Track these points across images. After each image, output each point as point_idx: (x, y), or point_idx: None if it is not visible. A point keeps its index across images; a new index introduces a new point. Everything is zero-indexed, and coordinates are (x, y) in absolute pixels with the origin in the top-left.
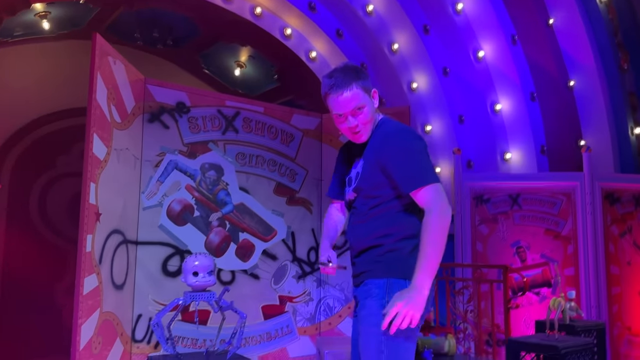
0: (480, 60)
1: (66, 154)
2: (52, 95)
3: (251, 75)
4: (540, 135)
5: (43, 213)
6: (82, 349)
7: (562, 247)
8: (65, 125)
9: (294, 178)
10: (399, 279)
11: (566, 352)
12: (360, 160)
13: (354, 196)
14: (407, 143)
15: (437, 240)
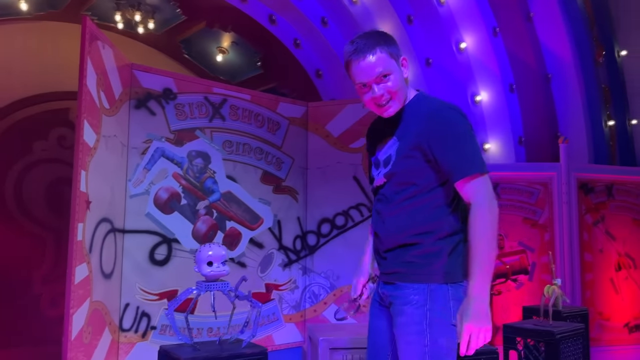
0: (462, 52)
1: (43, 139)
2: (27, 78)
3: (233, 61)
4: (518, 127)
5: (19, 200)
6: (73, 339)
7: (539, 235)
8: (42, 109)
9: (280, 167)
10: (441, 284)
11: (561, 337)
12: (393, 140)
13: (383, 182)
14: (458, 124)
15: (490, 239)
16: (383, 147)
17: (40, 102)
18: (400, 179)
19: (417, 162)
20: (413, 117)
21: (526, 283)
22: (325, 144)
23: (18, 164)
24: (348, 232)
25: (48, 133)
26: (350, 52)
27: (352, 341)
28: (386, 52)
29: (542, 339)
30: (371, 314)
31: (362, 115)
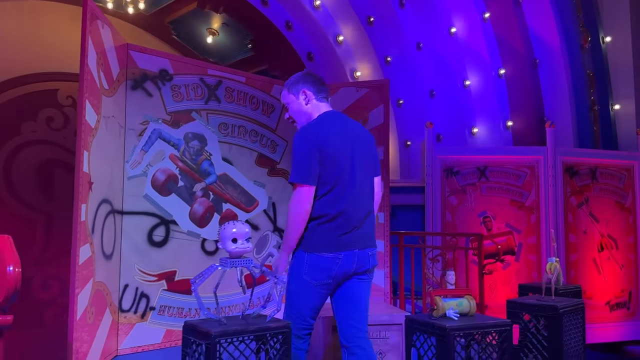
0: (453, 36)
1: (32, 120)
2: (15, 58)
3: (224, 43)
4: (506, 111)
5: (9, 182)
6: (78, 319)
7: (526, 217)
8: (29, 90)
9: (274, 149)
10: (300, 251)
11: (564, 311)
12: None
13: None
14: (295, 142)
15: (288, 229)
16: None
17: (27, 83)
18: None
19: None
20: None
21: (513, 263)
22: None
23: (6, 145)
24: None
25: (37, 114)
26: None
27: None
28: (286, 90)
29: (546, 313)
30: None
31: (355, 99)
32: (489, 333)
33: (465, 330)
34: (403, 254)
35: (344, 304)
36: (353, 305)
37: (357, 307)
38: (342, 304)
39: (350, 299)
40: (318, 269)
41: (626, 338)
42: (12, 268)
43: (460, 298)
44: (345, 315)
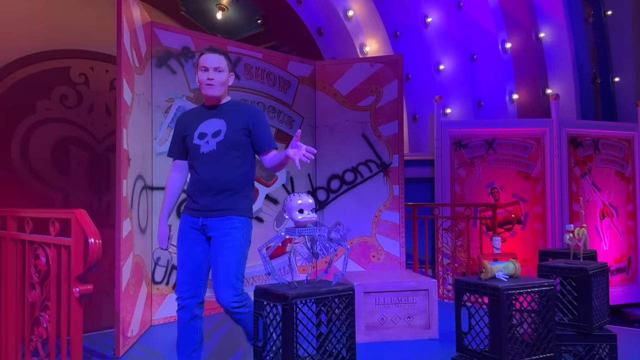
0: (461, 10)
1: (47, 98)
2: (29, 36)
3: (233, 19)
4: (512, 84)
5: (26, 160)
6: (123, 291)
7: (532, 187)
8: (43, 68)
9: (291, 125)
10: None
11: (593, 273)
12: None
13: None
14: (262, 114)
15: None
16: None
17: (40, 61)
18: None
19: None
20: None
21: (519, 232)
22: (334, 102)
23: (22, 123)
24: (357, 187)
25: (50, 92)
26: (207, 49)
27: (381, 285)
28: (228, 60)
29: (576, 275)
30: (193, 249)
31: (369, 74)
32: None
33: (517, 290)
34: (417, 225)
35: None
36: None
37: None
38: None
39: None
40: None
41: (625, 301)
42: (94, 240)
43: (505, 262)
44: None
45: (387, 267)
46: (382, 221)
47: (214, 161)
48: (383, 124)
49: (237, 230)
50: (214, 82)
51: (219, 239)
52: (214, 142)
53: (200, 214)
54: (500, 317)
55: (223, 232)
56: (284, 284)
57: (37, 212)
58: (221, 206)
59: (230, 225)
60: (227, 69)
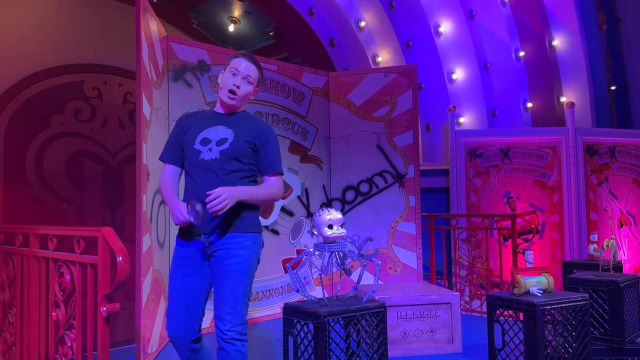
0: (473, 19)
1: (61, 112)
2: (42, 51)
3: (245, 31)
4: (525, 93)
5: (40, 174)
6: (143, 306)
7: (549, 197)
8: (57, 82)
9: (305, 136)
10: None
11: (624, 285)
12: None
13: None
14: (274, 134)
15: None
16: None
17: (54, 76)
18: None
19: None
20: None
21: (537, 241)
22: (348, 113)
23: (37, 138)
24: (372, 198)
25: (64, 106)
26: (244, 54)
27: (403, 299)
28: (260, 71)
29: (607, 288)
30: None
31: (383, 84)
32: (572, 307)
33: (552, 305)
34: (433, 236)
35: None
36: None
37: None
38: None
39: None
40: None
41: None
42: (121, 258)
43: (538, 276)
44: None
45: (404, 279)
46: (398, 232)
47: (214, 170)
48: (398, 134)
49: (246, 250)
50: (238, 91)
51: (226, 260)
52: (217, 150)
53: (203, 230)
54: (537, 333)
55: (230, 252)
56: (314, 301)
57: (61, 229)
58: (226, 221)
59: (238, 245)
60: (256, 82)
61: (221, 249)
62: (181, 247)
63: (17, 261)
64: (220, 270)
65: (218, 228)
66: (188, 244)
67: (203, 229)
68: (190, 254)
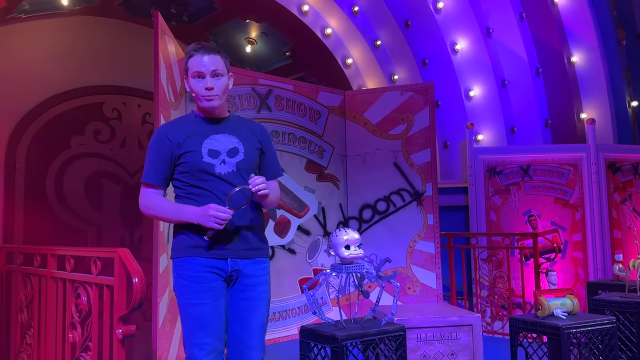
0: (490, 37)
1: (81, 134)
2: (63, 73)
3: (261, 51)
4: (544, 109)
5: (60, 195)
6: (160, 327)
7: (571, 215)
8: (77, 104)
9: (322, 155)
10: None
11: None
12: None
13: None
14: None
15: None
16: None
17: (74, 97)
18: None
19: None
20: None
21: (559, 261)
22: (364, 131)
23: (57, 159)
24: (390, 217)
25: (84, 128)
26: (196, 48)
27: (422, 320)
28: (227, 60)
29: (635, 310)
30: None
31: (399, 102)
32: (598, 331)
33: (577, 328)
34: (453, 255)
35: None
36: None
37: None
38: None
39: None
40: None
41: None
42: (137, 279)
43: (563, 297)
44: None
45: (423, 300)
46: (416, 251)
47: (234, 184)
48: (415, 152)
49: (269, 277)
50: (214, 92)
51: (255, 287)
52: (232, 162)
53: (227, 253)
54: (562, 357)
55: (257, 279)
56: (331, 323)
57: (78, 250)
58: (253, 244)
59: (263, 271)
60: (226, 70)
61: (250, 275)
62: (197, 266)
63: (35, 282)
64: (249, 300)
65: (246, 251)
66: (209, 263)
67: (229, 254)
68: (211, 275)
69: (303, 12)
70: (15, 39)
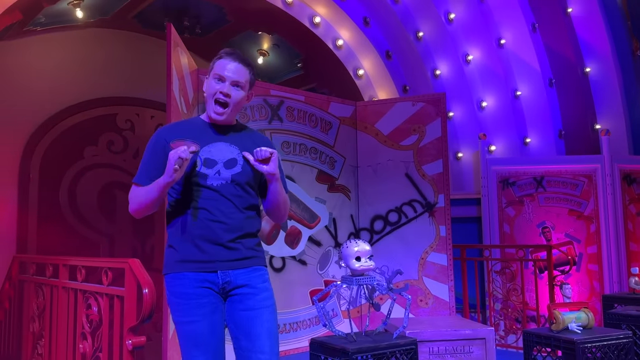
0: (502, 48)
1: (94, 145)
2: (78, 84)
3: (273, 63)
4: (558, 120)
5: (73, 205)
6: (170, 338)
7: (585, 227)
8: (91, 115)
9: (333, 165)
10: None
11: None
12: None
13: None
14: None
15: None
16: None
17: (88, 109)
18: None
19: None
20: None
21: (574, 273)
22: (376, 142)
23: (71, 169)
24: (401, 228)
25: (98, 138)
26: (228, 52)
27: (435, 334)
28: (254, 76)
29: None
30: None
31: (411, 113)
32: (614, 345)
33: (592, 343)
34: (466, 267)
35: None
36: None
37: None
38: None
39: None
40: None
41: None
42: (147, 290)
43: (577, 311)
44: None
45: (435, 313)
46: (428, 263)
47: (226, 198)
48: (427, 162)
49: (269, 284)
50: (229, 100)
51: (254, 296)
52: (227, 173)
53: (216, 265)
54: None
55: (256, 287)
56: (342, 336)
57: (90, 260)
58: (244, 254)
59: (260, 278)
60: (247, 85)
61: (245, 284)
62: (189, 280)
63: (47, 292)
64: (249, 309)
65: (236, 261)
66: (199, 277)
67: (218, 266)
68: (203, 290)
69: (315, 23)
70: (30, 51)
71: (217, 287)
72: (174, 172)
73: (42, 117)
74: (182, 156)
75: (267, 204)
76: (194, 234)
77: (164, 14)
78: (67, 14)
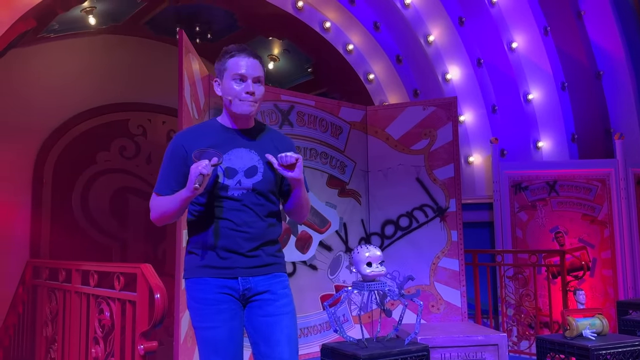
0: (514, 51)
1: (106, 150)
2: (90, 90)
3: (283, 68)
4: (570, 124)
5: (86, 210)
6: (181, 342)
7: (599, 231)
8: (103, 121)
9: (343, 170)
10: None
11: None
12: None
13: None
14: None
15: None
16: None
17: (100, 114)
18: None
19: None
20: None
21: (587, 279)
22: (386, 146)
23: (83, 175)
24: (412, 233)
25: (110, 144)
26: (239, 49)
27: (447, 340)
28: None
29: None
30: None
31: (422, 117)
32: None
33: (607, 350)
34: (478, 272)
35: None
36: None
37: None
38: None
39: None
40: None
41: None
42: (159, 295)
43: (591, 317)
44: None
45: (447, 318)
46: (440, 269)
47: (248, 207)
48: (438, 167)
49: (289, 290)
50: (255, 98)
51: (274, 302)
52: (248, 182)
53: (237, 272)
54: None
55: (277, 294)
56: (353, 342)
57: (102, 265)
58: (265, 260)
59: (282, 285)
60: (264, 79)
61: (266, 290)
62: (210, 286)
63: (60, 296)
64: (269, 316)
65: (257, 268)
66: (218, 283)
67: (238, 272)
68: (223, 296)
69: (325, 28)
70: (44, 58)
71: (238, 293)
72: (195, 189)
73: (55, 123)
74: (203, 172)
75: (289, 205)
76: (216, 244)
77: (175, 20)
78: (80, 21)
